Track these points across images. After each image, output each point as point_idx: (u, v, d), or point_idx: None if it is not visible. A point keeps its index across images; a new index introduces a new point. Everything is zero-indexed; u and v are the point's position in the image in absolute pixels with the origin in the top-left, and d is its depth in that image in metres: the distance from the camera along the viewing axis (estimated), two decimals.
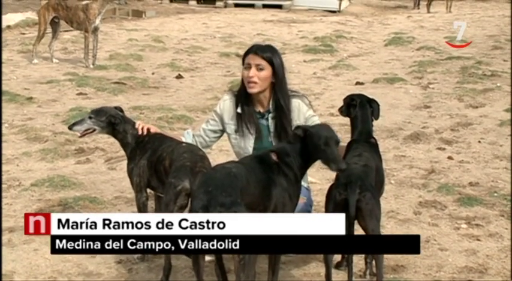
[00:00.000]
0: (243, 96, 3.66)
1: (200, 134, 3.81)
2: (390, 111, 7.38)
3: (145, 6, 18.37)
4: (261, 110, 3.69)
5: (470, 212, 4.51)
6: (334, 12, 18.25)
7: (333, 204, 3.15)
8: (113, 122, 3.69)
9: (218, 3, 18.75)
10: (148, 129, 3.70)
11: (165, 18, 15.62)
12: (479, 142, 6.20)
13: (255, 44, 3.74)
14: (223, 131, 3.78)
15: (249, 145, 3.69)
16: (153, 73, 9.35)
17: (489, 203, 4.64)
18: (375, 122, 6.94)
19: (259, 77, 3.56)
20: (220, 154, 5.66)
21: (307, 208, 3.76)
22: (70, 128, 3.75)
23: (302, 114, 3.67)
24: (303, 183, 3.80)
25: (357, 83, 8.96)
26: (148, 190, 3.67)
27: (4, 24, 12.66)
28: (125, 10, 17.29)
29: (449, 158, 5.73)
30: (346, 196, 3.07)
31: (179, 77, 9.14)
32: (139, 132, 3.64)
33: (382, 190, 3.53)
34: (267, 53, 3.59)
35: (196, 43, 12.03)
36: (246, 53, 3.63)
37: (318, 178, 5.14)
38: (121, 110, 3.84)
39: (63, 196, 4.65)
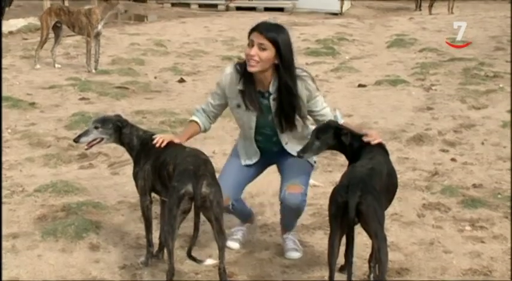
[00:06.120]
0: (245, 73, 3.60)
1: (209, 109, 3.79)
2: (393, 113, 7.38)
3: (147, 10, 18.40)
4: (262, 90, 3.64)
5: (474, 214, 4.50)
6: (336, 14, 18.25)
7: (334, 206, 3.14)
8: (120, 126, 3.68)
9: (220, 7, 18.76)
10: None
11: (167, 22, 15.63)
12: (483, 143, 6.18)
13: (263, 21, 3.63)
14: (227, 103, 3.77)
15: (251, 120, 3.69)
16: (155, 77, 9.36)
17: (493, 205, 4.63)
18: (378, 124, 6.99)
19: (260, 57, 3.48)
20: (224, 157, 5.62)
21: (303, 198, 3.72)
22: (76, 140, 3.69)
23: (305, 96, 3.61)
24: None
25: (359, 85, 8.96)
26: (153, 194, 3.67)
27: (6, 30, 12.70)
28: (127, 14, 17.32)
29: (453, 160, 5.72)
30: (346, 199, 3.05)
31: (181, 80, 9.15)
32: (157, 145, 3.57)
33: (395, 193, 3.51)
34: (271, 33, 3.49)
35: (198, 47, 12.04)
36: (252, 30, 3.55)
37: (322, 181, 5.14)
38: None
39: (66, 201, 4.65)
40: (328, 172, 5.41)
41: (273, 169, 5.20)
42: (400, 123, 6.94)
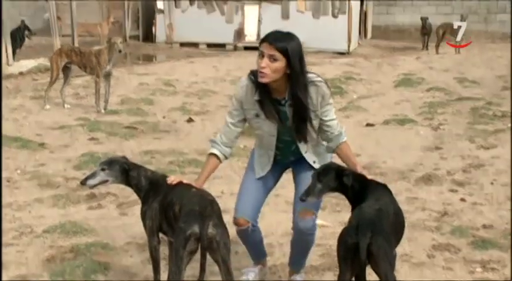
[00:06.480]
0: (260, 84, 3.59)
1: (231, 130, 3.77)
2: (401, 153, 7.38)
3: (156, 50, 18.61)
4: (278, 97, 3.64)
5: (484, 255, 4.47)
6: (343, 54, 18.38)
7: (344, 248, 3.14)
8: (126, 168, 3.72)
9: (228, 47, 18.97)
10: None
11: (176, 62, 15.77)
12: (492, 183, 6.16)
13: (273, 31, 3.60)
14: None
15: (273, 128, 3.69)
16: (164, 117, 9.42)
17: (504, 246, 4.60)
18: (387, 164, 6.97)
19: (271, 68, 3.48)
20: (232, 197, 5.64)
21: (314, 223, 3.79)
22: (83, 183, 3.74)
23: (318, 102, 3.64)
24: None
25: (367, 125, 8.98)
26: (161, 235, 3.68)
27: (17, 71, 12.87)
28: (136, 54, 17.53)
29: (462, 200, 5.70)
30: (357, 240, 3.06)
31: (190, 120, 9.20)
32: (169, 182, 3.62)
33: (402, 233, 3.50)
34: (282, 43, 3.46)
35: (207, 86, 12.12)
36: (262, 40, 3.53)
37: (330, 221, 5.13)
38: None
39: (75, 242, 4.65)
40: (337, 211, 5.40)
41: (281, 208, 5.22)
42: (409, 163, 6.94)
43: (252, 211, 3.83)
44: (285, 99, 3.63)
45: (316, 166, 3.78)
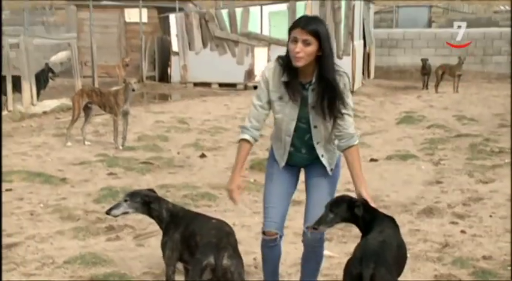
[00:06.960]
0: (288, 65, 3.59)
1: (259, 112, 3.73)
2: (404, 187, 7.37)
3: (171, 90, 18.77)
4: (303, 81, 3.63)
5: None
6: None
7: (349, 278, 3.15)
8: (147, 201, 3.77)
9: (238, 86, 19.11)
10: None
11: (189, 101, 15.89)
12: (491, 216, 6.14)
13: (302, 16, 3.64)
14: None
15: (294, 111, 3.66)
16: (178, 153, 9.46)
17: (503, 277, 4.57)
18: (390, 197, 6.96)
19: (306, 52, 3.49)
20: (243, 229, 5.66)
21: (322, 236, 3.88)
22: (108, 213, 3.82)
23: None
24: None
25: (371, 160, 8.98)
26: (179, 264, 3.71)
27: (40, 110, 13.04)
28: (152, 94, 17.68)
29: (462, 232, 5.67)
30: (361, 271, 3.06)
31: (203, 156, 9.24)
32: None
33: (404, 265, 3.50)
34: (313, 26, 3.47)
35: (219, 124, 12.19)
36: (293, 27, 3.54)
37: (337, 252, 5.11)
38: (153, 192, 3.95)
39: (94, 272, 4.66)
40: (343, 243, 5.39)
41: (289, 239, 5.21)
42: (411, 196, 6.93)
43: (278, 223, 3.86)
44: (309, 83, 3.62)
45: (324, 160, 3.80)
